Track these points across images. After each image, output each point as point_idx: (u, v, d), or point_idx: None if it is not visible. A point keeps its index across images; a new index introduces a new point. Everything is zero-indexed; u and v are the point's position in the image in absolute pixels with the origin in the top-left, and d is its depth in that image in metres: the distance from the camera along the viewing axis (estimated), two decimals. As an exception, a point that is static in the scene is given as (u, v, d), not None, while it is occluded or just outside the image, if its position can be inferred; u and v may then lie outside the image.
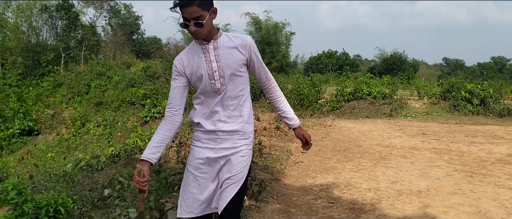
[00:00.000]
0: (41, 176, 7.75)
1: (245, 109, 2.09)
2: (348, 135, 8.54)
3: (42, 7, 33.42)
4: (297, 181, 5.08)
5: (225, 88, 2.03)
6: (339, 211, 3.95)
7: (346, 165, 5.90)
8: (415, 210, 4.02)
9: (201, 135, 2.10)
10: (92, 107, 23.57)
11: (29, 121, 23.19)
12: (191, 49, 2.12)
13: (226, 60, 2.03)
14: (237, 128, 2.05)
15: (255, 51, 2.11)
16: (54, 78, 29.63)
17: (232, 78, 2.04)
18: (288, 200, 4.28)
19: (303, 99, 14.61)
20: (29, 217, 4.25)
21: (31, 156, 17.18)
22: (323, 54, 34.95)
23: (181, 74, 2.09)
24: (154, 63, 27.21)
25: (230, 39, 2.09)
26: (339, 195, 4.48)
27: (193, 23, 1.95)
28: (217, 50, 2.05)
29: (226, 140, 2.05)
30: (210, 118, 2.07)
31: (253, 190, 4.05)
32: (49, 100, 27.21)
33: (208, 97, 2.06)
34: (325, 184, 4.91)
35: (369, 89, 14.29)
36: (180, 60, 2.10)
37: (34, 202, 4.35)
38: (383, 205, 4.14)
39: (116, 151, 7.82)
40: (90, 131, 20.21)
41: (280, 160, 5.90)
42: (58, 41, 33.33)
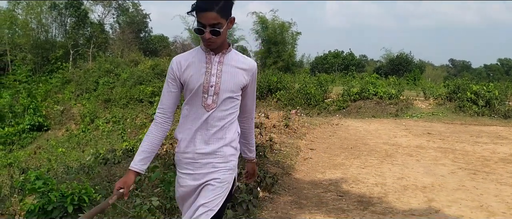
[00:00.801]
0: (59, 168, 8.01)
1: (229, 132, 1.95)
2: (355, 133, 8.76)
3: (52, 5, 33.77)
4: (307, 175, 5.32)
5: (215, 107, 1.90)
6: (348, 203, 4.18)
7: (354, 161, 6.13)
8: (420, 204, 4.24)
9: (181, 158, 1.98)
10: (100, 103, 23.89)
11: (39, 117, 23.51)
12: (194, 54, 1.98)
13: (226, 79, 1.91)
14: (214, 150, 1.91)
15: (255, 78, 2.04)
16: (62, 74, 29.94)
17: (227, 99, 1.92)
18: (299, 193, 4.52)
19: (310, 99, 14.82)
20: (55, 205, 4.51)
21: (43, 151, 17.49)
22: (329, 53, 35.11)
23: (175, 78, 1.96)
24: (161, 61, 27.49)
25: (238, 58, 1.97)
26: (348, 189, 4.70)
27: (209, 30, 1.81)
28: (221, 65, 1.92)
29: (203, 164, 1.91)
30: (191, 135, 1.93)
31: (267, 182, 4.29)
32: (58, 96, 27.54)
33: (195, 111, 1.93)
34: (334, 179, 5.14)
35: (375, 89, 14.48)
36: (178, 64, 1.96)
37: (59, 191, 4.62)
38: (390, 199, 4.36)
39: (130, 146, 8.07)
40: (99, 127, 20.51)
41: (290, 156, 6.14)
42: (67, 38, 33.67)
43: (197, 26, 1.83)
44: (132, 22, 38.45)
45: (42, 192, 4.70)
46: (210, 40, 1.83)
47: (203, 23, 1.80)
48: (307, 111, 13.23)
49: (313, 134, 8.23)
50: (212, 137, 1.90)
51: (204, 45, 1.91)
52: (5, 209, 5.41)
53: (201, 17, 1.79)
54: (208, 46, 1.88)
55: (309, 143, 7.34)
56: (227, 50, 1.94)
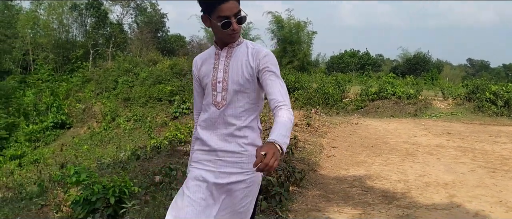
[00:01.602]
0: (92, 164, 8.42)
1: (251, 130, 1.83)
2: (375, 133, 8.96)
3: (73, 5, 34.48)
4: (332, 172, 5.57)
5: (226, 104, 1.80)
6: (373, 198, 4.43)
7: (376, 159, 6.36)
8: (442, 199, 4.46)
9: (201, 155, 1.88)
10: (120, 102, 24.43)
11: (62, 115, 24.16)
12: (209, 52, 1.94)
13: (234, 73, 1.81)
14: (240, 150, 1.80)
15: (269, 65, 1.77)
16: (83, 74, 30.55)
17: (236, 94, 1.80)
18: (326, 188, 4.78)
19: (328, 98, 15.03)
20: (98, 196, 4.86)
21: (70, 148, 18.06)
22: (345, 53, 35.14)
23: (196, 78, 1.94)
24: (180, 61, 27.93)
25: (247, 49, 1.84)
26: (372, 185, 4.95)
27: (236, 20, 1.74)
28: (228, 59, 1.83)
29: (228, 163, 1.80)
30: (212, 135, 1.84)
31: (296, 177, 4.56)
32: (79, 95, 28.20)
33: (209, 109, 1.86)
34: (357, 175, 5.38)
35: (393, 89, 14.63)
36: (196, 63, 1.94)
37: (101, 184, 4.97)
38: (413, 194, 4.59)
39: (157, 143, 8.43)
40: (120, 125, 21.02)
41: (314, 153, 6.40)
42: (87, 38, 34.34)
43: (222, 21, 1.72)
44: (150, 22, 38.99)
45: (86, 185, 5.06)
46: (237, 31, 1.77)
47: (228, 15, 1.71)
48: (326, 110, 13.45)
49: (334, 133, 8.47)
50: (232, 136, 1.80)
51: (225, 39, 1.81)
52: (49, 200, 5.80)
53: (224, 10, 1.70)
54: (232, 39, 1.81)
55: (330, 141, 7.59)
56: (236, 43, 1.84)
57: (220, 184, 1.79)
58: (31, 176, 13.15)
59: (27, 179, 12.99)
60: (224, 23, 1.72)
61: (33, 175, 13.28)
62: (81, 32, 36.37)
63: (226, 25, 1.73)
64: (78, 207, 4.94)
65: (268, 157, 1.44)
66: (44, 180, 6.84)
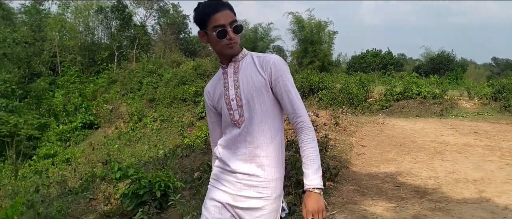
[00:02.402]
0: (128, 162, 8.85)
1: (272, 148, 1.75)
2: (402, 132, 9.13)
3: (99, 8, 35.36)
4: (363, 169, 5.82)
5: (245, 120, 1.73)
6: (406, 193, 4.66)
7: (405, 157, 6.56)
8: (472, 194, 4.66)
9: (220, 174, 1.83)
10: (145, 103, 25.04)
11: (90, 115, 24.91)
12: (217, 76, 1.88)
13: (244, 86, 1.74)
14: (259, 173, 1.73)
15: (279, 71, 1.73)
16: (108, 75, 31.29)
17: (253, 108, 1.72)
18: (359, 183, 5.04)
19: (352, 98, 15.18)
20: (145, 190, 5.24)
21: (100, 147, 18.69)
22: (367, 52, 35.02)
23: (211, 108, 1.89)
24: (203, 62, 28.40)
25: (253, 59, 1.78)
26: (403, 181, 5.18)
27: (232, 28, 1.68)
28: (237, 75, 1.76)
29: (247, 186, 1.74)
30: (232, 154, 1.79)
31: (331, 172, 4.84)
32: (105, 96, 28.97)
33: (229, 130, 1.80)
34: (388, 172, 5.62)
35: (418, 89, 14.69)
36: (208, 93, 1.88)
37: (147, 179, 5.35)
38: (444, 190, 4.80)
39: (190, 142, 8.81)
40: (147, 125, 21.57)
41: (344, 151, 6.65)
42: (112, 40, 35.13)
43: (217, 30, 1.66)
44: (172, 23, 39.64)
45: (134, 179, 5.45)
46: (234, 41, 1.69)
47: (223, 23, 1.66)
48: (351, 110, 13.63)
49: (361, 132, 8.68)
50: (253, 156, 1.74)
51: (224, 51, 1.73)
52: (96, 194, 6.22)
53: (218, 19, 1.65)
54: (230, 51, 1.73)
55: (359, 140, 7.82)
56: (239, 55, 1.78)
57: (238, 208, 1.75)
58: (66, 174, 13.77)
59: (62, 176, 13.61)
60: (219, 31, 1.66)
61: (68, 173, 13.89)
62: (106, 35, 37.27)
63: (221, 33, 1.66)
64: (127, 200, 5.34)
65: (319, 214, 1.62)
66: (90, 176, 7.27)
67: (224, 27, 1.66)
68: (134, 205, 5.25)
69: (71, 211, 5.80)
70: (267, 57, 1.76)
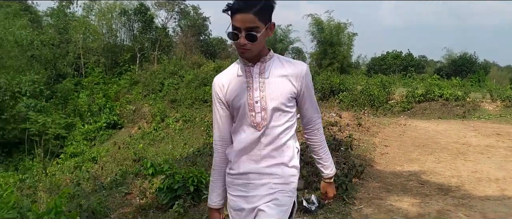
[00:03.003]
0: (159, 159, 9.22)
1: (287, 150, 1.76)
2: (424, 133, 9.25)
3: (122, 11, 36.14)
4: (387, 167, 6.01)
5: (266, 124, 1.71)
6: (430, 190, 4.85)
7: (428, 157, 6.72)
8: (494, 192, 4.82)
9: (233, 180, 1.80)
10: (166, 104, 25.54)
11: (114, 116, 25.53)
12: (233, 70, 1.81)
13: (272, 90, 1.71)
14: (273, 171, 1.73)
15: (309, 82, 1.78)
16: (130, 76, 31.92)
17: (276, 113, 1.72)
18: (384, 180, 5.24)
19: (374, 100, 15.29)
20: (179, 185, 5.55)
21: (125, 147, 19.22)
22: (388, 54, 34.87)
23: (222, 101, 1.80)
24: (224, 63, 28.78)
25: (281, 64, 1.76)
26: (427, 179, 5.36)
27: (245, 35, 1.61)
28: (263, 76, 1.72)
29: (260, 185, 1.74)
30: (244, 157, 1.76)
31: (357, 170, 5.06)
32: (128, 97, 29.62)
33: (245, 131, 1.75)
34: (412, 171, 5.80)
35: (441, 91, 14.71)
36: (221, 86, 1.79)
37: (181, 174, 5.66)
38: (466, 188, 4.97)
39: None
40: (169, 125, 22.03)
41: (368, 151, 6.84)
42: (134, 42, 35.84)
43: (232, 29, 1.65)
44: (192, 25, 40.19)
45: (168, 174, 5.76)
46: (245, 47, 1.64)
47: (238, 26, 1.61)
48: (372, 112, 13.74)
49: (384, 133, 8.84)
50: (268, 157, 1.73)
51: (238, 53, 1.72)
52: (131, 189, 6.58)
53: (236, 20, 1.61)
54: (242, 54, 1.70)
55: (382, 140, 7.98)
56: (267, 56, 1.75)
57: (251, 208, 1.75)
58: (94, 171, 14.29)
59: (89, 174, 14.10)
60: (229, 33, 1.66)
61: (96, 171, 14.39)
62: (128, 37, 38.06)
63: (231, 36, 1.65)
64: (162, 194, 5.66)
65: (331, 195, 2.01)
66: (124, 173, 7.64)
67: (237, 31, 1.62)
68: (169, 199, 5.56)
69: (108, 204, 6.15)
70: (298, 66, 1.75)
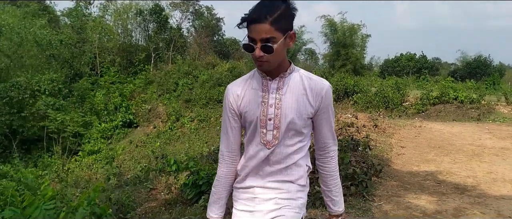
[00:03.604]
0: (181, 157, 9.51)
1: (297, 169, 1.67)
2: (439, 135, 9.38)
3: (137, 11, 36.67)
4: (404, 167, 6.19)
5: (276, 143, 1.62)
6: (446, 189, 5.03)
7: (444, 158, 6.88)
8: (509, 192, 4.98)
9: (239, 194, 1.74)
10: (181, 103, 25.92)
11: (130, 115, 26.00)
12: (249, 80, 1.70)
13: (287, 108, 1.60)
14: (279, 186, 1.67)
15: (329, 103, 1.65)
16: (145, 76, 32.39)
17: (289, 132, 1.62)
18: (402, 179, 5.43)
19: (388, 102, 15.41)
20: (204, 181, 5.81)
21: (142, 145, 19.63)
22: (401, 56, 34.84)
23: (235, 112, 1.69)
24: (238, 64, 29.07)
25: (301, 80, 1.64)
26: (443, 179, 5.53)
27: (260, 46, 1.50)
28: (280, 92, 1.61)
29: (265, 200, 1.66)
30: (252, 173, 1.69)
31: (376, 168, 5.26)
32: (142, 96, 30.08)
33: (254, 148, 1.66)
34: (429, 171, 5.97)
35: (455, 94, 14.78)
36: (235, 96, 1.68)
37: (206, 170, 5.92)
38: (482, 187, 5.14)
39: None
40: (184, 125, 22.39)
41: (385, 151, 7.03)
42: (149, 42, 36.33)
43: (248, 41, 1.53)
44: (206, 26, 40.57)
45: (193, 171, 6.03)
46: (262, 59, 1.53)
47: (254, 37, 1.51)
48: (387, 113, 13.87)
49: (400, 134, 9.00)
50: (275, 174, 1.66)
51: (256, 66, 1.61)
52: (155, 184, 6.86)
53: (252, 31, 1.50)
54: (259, 67, 1.59)
55: (398, 141, 8.15)
56: (287, 72, 1.64)
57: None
58: (111, 169, 14.67)
59: (106, 171, 14.52)
60: (244, 45, 1.55)
61: (114, 169, 14.77)
62: (143, 37, 38.58)
63: (246, 47, 1.55)
64: (187, 189, 5.93)
65: None
66: (150, 169, 7.94)
67: (253, 42, 1.52)
68: (194, 194, 5.83)
69: (134, 199, 6.44)
70: (319, 84, 1.63)
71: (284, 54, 1.60)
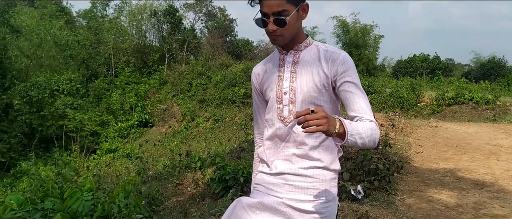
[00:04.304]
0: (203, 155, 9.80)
1: (327, 150, 1.59)
2: (456, 135, 9.53)
3: (152, 12, 37.18)
4: (423, 165, 6.39)
5: (294, 119, 1.55)
6: (466, 185, 5.23)
7: (462, 157, 7.06)
8: (528, 188, 5.17)
9: (266, 178, 1.64)
10: (195, 104, 26.27)
11: (145, 114, 26.45)
12: (270, 58, 1.71)
13: (303, 81, 1.56)
14: (312, 173, 1.56)
15: (348, 69, 1.54)
16: (159, 76, 32.84)
17: (305, 106, 1.53)
18: (422, 176, 5.64)
19: (403, 102, 15.54)
20: (230, 176, 6.08)
21: (159, 144, 20.01)
22: (415, 57, 34.77)
23: (258, 92, 1.71)
24: (251, 64, 29.31)
25: (318, 51, 1.59)
26: (462, 176, 5.72)
27: (273, 20, 1.48)
28: (296, 65, 1.58)
29: (297, 188, 1.56)
30: (279, 154, 1.62)
31: (397, 165, 5.47)
32: (157, 96, 30.50)
33: (274, 126, 1.61)
34: (448, 168, 6.16)
35: (470, 95, 14.88)
36: (256, 75, 1.72)
37: (232, 167, 6.19)
38: (500, 183, 5.32)
39: (252, 138, 9.62)
40: (200, 125, 22.72)
41: (404, 149, 7.23)
42: (163, 43, 36.79)
43: (257, 17, 1.52)
44: (219, 27, 40.93)
45: (219, 166, 6.30)
46: (275, 33, 1.51)
47: (266, 11, 1.48)
48: (402, 114, 14.02)
49: (417, 134, 9.17)
50: (305, 157, 1.57)
51: (270, 41, 1.57)
52: (182, 179, 7.15)
53: (264, 5, 1.48)
54: (273, 41, 1.56)
55: (416, 140, 8.34)
56: (302, 44, 1.60)
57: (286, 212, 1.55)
58: (131, 166, 15.05)
59: (124, 169, 14.90)
60: (257, 19, 1.52)
61: (134, 166, 15.12)
62: (157, 38, 39.08)
63: (259, 22, 1.52)
64: (214, 184, 6.20)
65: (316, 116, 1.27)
66: (176, 165, 8.23)
67: (266, 17, 1.50)
68: (221, 189, 6.10)
69: (162, 193, 6.74)
70: (335, 53, 1.56)
71: (299, 27, 1.57)
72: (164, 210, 5.54)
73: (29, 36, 24.70)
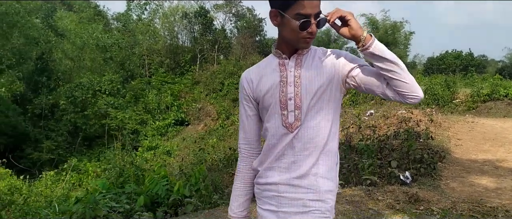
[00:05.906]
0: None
1: (326, 156, 1.54)
2: (492, 129, 9.88)
3: (183, 14, 38.18)
4: (463, 156, 6.88)
5: (300, 125, 1.51)
6: (504, 172, 5.71)
7: (499, 149, 7.48)
8: None
9: (261, 191, 1.62)
10: (228, 102, 27.05)
11: (181, 113, 27.42)
12: (264, 64, 1.64)
13: (308, 85, 1.52)
14: (305, 184, 1.52)
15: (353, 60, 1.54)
16: (192, 76, 33.73)
17: (312, 111, 1.52)
18: (463, 165, 6.15)
19: (438, 99, 15.82)
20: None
21: (198, 141, 20.93)
22: (447, 54, 34.44)
23: (250, 99, 1.63)
24: (281, 63, 29.85)
25: (318, 54, 1.57)
26: (500, 165, 6.19)
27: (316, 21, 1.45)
28: (299, 69, 1.54)
29: (291, 200, 1.53)
30: (274, 165, 1.57)
31: (440, 155, 6.01)
32: (190, 96, 31.43)
33: (276, 133, 1.55)
34: (486, 159, 6.63)
35: (505, 91, 15.05)
36: (249, 81, 1.63)
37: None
38: (538, 172, 5.78)
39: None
40: (235, 123, 23.46)
41: (444, 142, 7.72)
42: (195, 44, 37.70)
43: (300, 19, 1.43)
44: (249, 27, 41.56)
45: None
46: (314, 35, 1.48)
47: (309, 13, 1.43)
48: (436, 109, 14.33)
49: (454, 128, 9.58)
50: (301, 164, 1.52)
51: (298, 44, 1.51)
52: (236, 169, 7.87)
53: (305, 6, 1.42)
54: (306, 45, 1.52)
55: (454, 134, 8.78)
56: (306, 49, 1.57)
57: None
58: (174, 162, 15.94)
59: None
60: (303, 22, 1.43)
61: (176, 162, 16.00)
62: (188, 38, 40.07)
63: (305, 25, 1.44)
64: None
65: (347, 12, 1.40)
66: (231, 156, 8.97)
67: (309, 18, 1.44)
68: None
69: (221, 181, 7.46)
70: (336, 50, 1.57)
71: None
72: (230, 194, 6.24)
73: (72, 39, 26.05)
